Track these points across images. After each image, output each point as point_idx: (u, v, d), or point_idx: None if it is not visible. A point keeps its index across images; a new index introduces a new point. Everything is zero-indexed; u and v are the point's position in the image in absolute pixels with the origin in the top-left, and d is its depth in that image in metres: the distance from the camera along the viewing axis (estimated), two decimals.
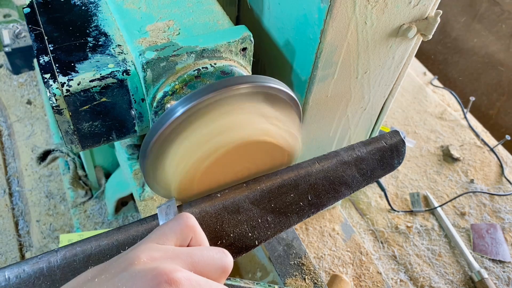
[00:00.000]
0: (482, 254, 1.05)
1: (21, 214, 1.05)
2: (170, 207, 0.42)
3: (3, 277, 0.39)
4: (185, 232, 0.37)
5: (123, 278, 0.30)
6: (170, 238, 0.36)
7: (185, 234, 0.37)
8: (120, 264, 0.32)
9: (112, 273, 0.31)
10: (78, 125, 0.53)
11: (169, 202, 0.42)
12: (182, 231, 0.37)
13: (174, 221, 0.38)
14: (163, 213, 0.42)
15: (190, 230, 0.37)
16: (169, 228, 0.37)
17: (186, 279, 0.30)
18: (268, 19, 0.70)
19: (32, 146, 1.17)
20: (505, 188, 1.19)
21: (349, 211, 1.12)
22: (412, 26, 0.60)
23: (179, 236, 0.36)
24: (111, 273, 0.31)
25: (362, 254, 1.01)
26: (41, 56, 0.52)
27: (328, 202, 0.52)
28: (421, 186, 1.18)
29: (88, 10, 0.60)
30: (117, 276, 0.31)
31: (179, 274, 0.30)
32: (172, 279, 0.30)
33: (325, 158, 0.53)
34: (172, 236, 0.36)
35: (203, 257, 0.34)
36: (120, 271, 0.31)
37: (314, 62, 0.61)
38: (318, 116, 0.72)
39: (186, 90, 0.53)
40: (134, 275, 0.30)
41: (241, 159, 0.48)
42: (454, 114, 1.39)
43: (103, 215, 1.02)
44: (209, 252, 0.35)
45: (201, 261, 0.34)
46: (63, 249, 0.42)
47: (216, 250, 0.36)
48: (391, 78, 0.71)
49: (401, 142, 0.57)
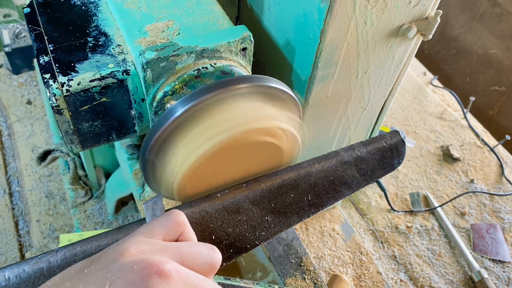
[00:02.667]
0: (482, 254, 1.05)
1: (21, 214, 1.05)
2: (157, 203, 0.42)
3: (3, 277, 0.39)
4: (174, 228, 0.37)
5: (112, 269, 0.31)
6: (159, 233, 0.36)
7: (174, 230, 0.37)
8: (109, 255, 0.32)
9: (102, 264, 0.32)
10: (78, 125, 0.53)
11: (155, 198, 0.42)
12: (171, 227, 0.37)
13: (164, 217, 0.38)
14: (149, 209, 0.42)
15: (179, 226, 0.37)
16: (158, 223, 0.37)
17: (175, 271, 0.31)
18: (268, 19, 0.70)
19: (32, 146, 1.17)
20: (505, 188, 1.19)
21: (349, 211, 1.12)
22: (412, 26, 0.60)
23: (167, 232, 0.37)
24: (100, 264, 0.32)
25: (362, 254, 1.01)
26: (41, 56, 0.52)
27: (328, 202, 0.53)
28: (421, 186, 1.18)
29: (88, 10, 0.60)
30: (106, 267, 0.31)
31: (169, 266, 0.31)
32: (162, 270, 0.30)
33: (325, 158, 0.53)
34: (160, 231, 0.36)
35: (192, 252, 0.35)
36: (110, 262, 0.31)
37: (314, 62, 0.61)
38: (318, 116, 0.72)
39: (186, 90, 0.53)
40: (123, 266, 0.30)
41: (241, 159, 0.48)
42: (454, 114, 1.39)
43: (103, 215, 1.02)
44: (198, 248, 0.36)
45: (190, 255, 0.34)
46: (63, 249, 0.42)
47: (205, 246, 0.36)
48: (391, 78, 0.71)
49: (401, 142, 0.57)
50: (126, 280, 0.29)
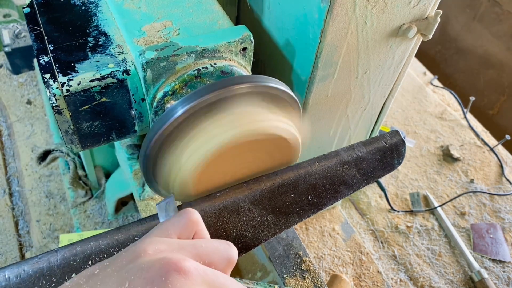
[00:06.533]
0: (482, 254, 1.05)
1: (21, 214, 1.05)
2: (170, 203, 0.42)
3: (3, 277, 0.39)
4: (188, 227, 0.37)
5: (131, 269, 0.30)
6: (174, 233, 0.36)
7: (188, 229, 0.37)
8: (126, 257, 0.32)
9: (119, 266, 0.31)
10: (78, 125, 0.53)
11: (168, 199, 0.42)
12: (185, 226, 0.37)
13: (177, 216, 0.38)
14: (162, 210, 0.42)
15: (193, 225, 0.37)
16: (172, 223, 0.37)
17: (194, 268, 0.31)
18: (268, 19, 0.70)
19: (32, 146, 1.17)
20: (505, 188, 1.19)
21: (349, 211, 1.12)
22: (412, 26, 0.60)
23: (182, 231, 0.37)
24: (117, 266, 0.31)
25: (362, 254, 1.01)
26: (41, 56, 0.52)
27: (328, 202, 0.53)
28: (421, 186, 1.18)
29: (88, 10, 0.60)
30: (124, 268, 0.31)
31: (187, 263, 0.31)
32: (181, 267, 0.30)
33: (325, 158, 0.53)
34: (175, 231, 0.36)
35: (208, 249, 0.35)
36: (127, 263, 0.31)
37: (314, 62, 0.61)
38: (318, 116, 0.72)
39: (186, 90, 0.53)
40: (142, 266, 0.30)
41: (240, 159, 0.48)
42: (454, 114, 1.39)
43: (103, 215, 1.02)
44: (214, 244, 0.36)
45: (207, 252, 0.34)
46: (63, 249, 0.42)
47: (220, 242, 0.36)
48: (391, 78, 0.71)
49: (401, 142, 0.57)
50: (145, 279, 0.29)
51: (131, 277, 0.30)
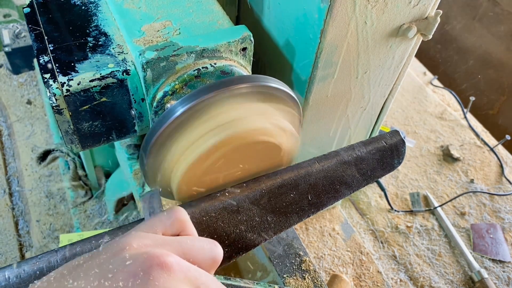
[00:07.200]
0: (482, 254, 1.05)
1: (21, 214, 1.05)
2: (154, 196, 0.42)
3: (3, 277, 0.39)
4: (175, 225, 0.37)
5: (114, 262, 0.31)
6: (159, 229, 0.36)
7: (175, 226, 0.37)
8: (110, 250, 0.32)
9: (103, 258, 0.32)
10: (78, 125, 0.53)
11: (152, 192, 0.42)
12: (172, 224, 0.37)
13: (165, 214, 0.38)
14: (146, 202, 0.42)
15: (180, 223, 0.37)
16: (159, 219, 0.37)
17: (176, 264, 0.31)
18: (268, 19, 0.70)
19: (32, 146, 1.17)
20: (505, 188, 1.19)
21: (349, 211, 1.12)
22: (412, 26, 0.60)
23: (168, 228, 0.37)
24: (102, 258, 0.32)
25: (362, 254, 1.01)
26: (41, 56, 0.52)
27: (328, 202, 0.53)
28: (421, 186, 1.18)
29: (88, 10, 0.60)
30: (108, 261, 0.31)
31: (171, 258, 0.31)
32: (164, 262, 0.30)
33: (325, 158, 0.53)
34: (161, 227, 0.36)
35: (194, 246, 0.35)
36: (111, 256, 0.32)
37: (314, 62, 0.61)
38: (318, 116, 0.72)
39: (186, 90, 0.53)
40: (125, 259, 0.31)
41: (240, 158, 0.48)
42: (454, 114, 1.39)
43: (103, 215, 1.02)
44: (200, 242, 0.36)
45: (192, 249, 0.34)
46: (63, 249, 0.42)
47: (206, 241, 0.36)
48: (391, 78, 0.71)
49: (401, 142, 0.57)
50: (128, 272, 0.29)
51: (114, 270, 0.30)
